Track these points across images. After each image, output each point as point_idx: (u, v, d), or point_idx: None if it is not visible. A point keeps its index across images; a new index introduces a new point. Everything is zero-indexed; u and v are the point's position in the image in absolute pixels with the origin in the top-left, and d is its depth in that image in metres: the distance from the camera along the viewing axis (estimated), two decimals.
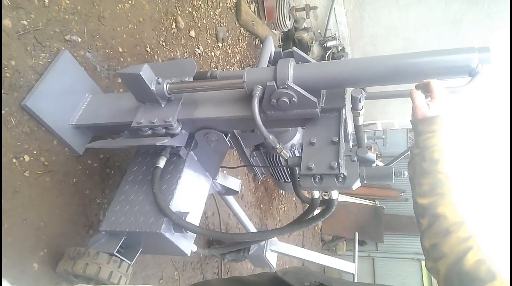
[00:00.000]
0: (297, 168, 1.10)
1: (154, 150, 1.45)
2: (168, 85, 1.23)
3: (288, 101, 1.09)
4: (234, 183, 1.79)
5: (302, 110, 1.12)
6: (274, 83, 1.07)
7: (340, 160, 1.01)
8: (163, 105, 1.26)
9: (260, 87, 1.10)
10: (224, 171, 2.35)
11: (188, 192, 1.42)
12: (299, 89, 1.07)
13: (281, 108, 1.11)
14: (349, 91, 1.13)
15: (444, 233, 0.80)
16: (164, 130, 1.25)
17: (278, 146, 1.18)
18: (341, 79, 1.06)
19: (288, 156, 1.17)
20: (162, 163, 1.37)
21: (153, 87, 1.22)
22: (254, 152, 1.90)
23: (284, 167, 2.05)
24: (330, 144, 1.07)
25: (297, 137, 1.85)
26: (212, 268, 2.63)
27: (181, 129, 1.28)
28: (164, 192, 1.35)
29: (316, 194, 1.37)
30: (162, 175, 1.37)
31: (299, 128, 1.86)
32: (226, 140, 1.38)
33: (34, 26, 1.37)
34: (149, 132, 1.26)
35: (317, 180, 1.03)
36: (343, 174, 1.01)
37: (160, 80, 1.23)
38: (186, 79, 1.28)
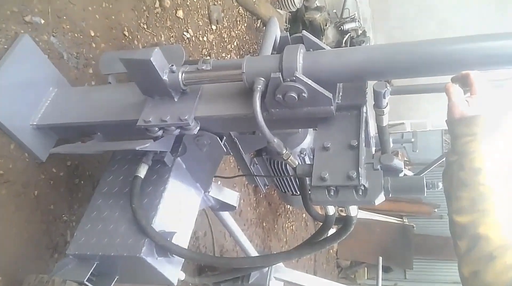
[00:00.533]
0: (307, 178, 1.10)
1: (133, 156, 1.46)
2: (184, 75, 1.22)
3: (296, 97, 1.09)
4: (230, 196, 1.79)
5: (313, 107, 1.12)
6: (280, 75, 1.08)
7: (360, 169, 1.02)
8: (176, 99, 1.26)
9: (263, 79, 1.11)
10: (219, 182, 2.36)
11: (174, 207, 1.42)
12: (310, 82, 1.07)
13: (288, 105, 1.12)
14: (371, 84, 1.14)
15: (487, 259, 0.80)
16: (177, 130, 1.25)
17: (284, 152, 1.18)
18: (362, 69, 1.07)
19: (297, 163, 1.17)
20: (143, 172, 1.37)
21: (165, 77, 1.21)
22: (255, 158, 1.90)
23: (291, 177, 2.04)
24: (348, 149, 1.07)
25: (308, 140, 1.86)
26: None
27: (199, 129, 1.28)
28: (146, 207, 1.35)
29: (331, 210, 1.37)
30: (143, 186, 1.38)
31: (310, 130, 1.86)
32: (221, 144, 1.38)
33: None
34: (159, 132, 1.26)
35: (332, 193, 1.04)
36: (364, 185, 1.02)
37: (174, 68, 1.22)
38: (203, 67, 1.25)
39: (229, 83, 1.24)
